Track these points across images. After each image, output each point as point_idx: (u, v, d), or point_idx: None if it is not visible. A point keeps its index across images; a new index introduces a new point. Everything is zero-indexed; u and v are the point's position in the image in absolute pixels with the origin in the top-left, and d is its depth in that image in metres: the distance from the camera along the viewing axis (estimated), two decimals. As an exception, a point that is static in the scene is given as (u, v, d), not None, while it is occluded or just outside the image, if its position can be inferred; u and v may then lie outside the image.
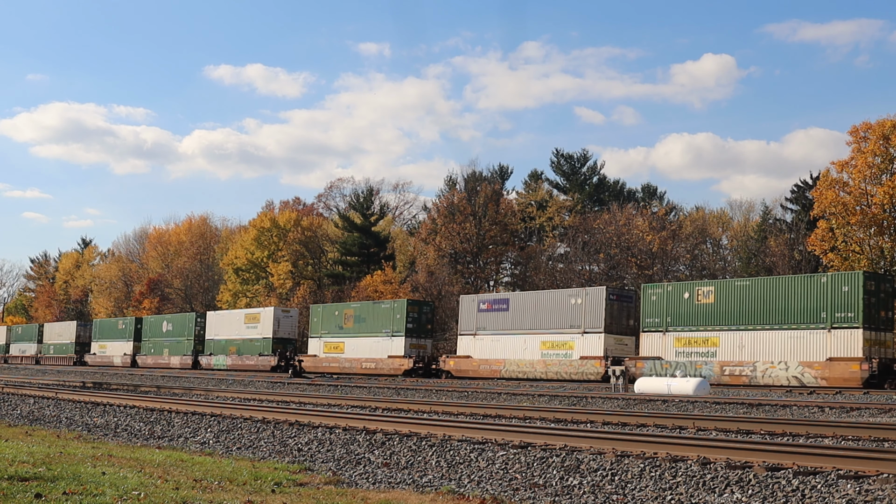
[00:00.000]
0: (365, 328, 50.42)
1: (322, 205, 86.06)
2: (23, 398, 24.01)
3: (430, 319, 50.26)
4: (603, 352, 38.84)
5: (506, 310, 43.59)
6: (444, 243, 66.50)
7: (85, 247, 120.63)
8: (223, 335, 61.72)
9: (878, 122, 47.71)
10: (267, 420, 16.24)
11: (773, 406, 22.42)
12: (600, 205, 71.05)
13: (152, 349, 69.53)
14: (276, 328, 57.69)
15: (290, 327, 58.65)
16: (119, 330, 74.98)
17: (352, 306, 52.71)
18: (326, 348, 52.86)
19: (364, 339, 50.34)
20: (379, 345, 49.23)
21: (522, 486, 9.67)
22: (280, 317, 58.36)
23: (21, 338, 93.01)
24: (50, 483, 8.78)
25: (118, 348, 73.90)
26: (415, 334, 48.59)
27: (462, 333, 45.49)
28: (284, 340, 57.82)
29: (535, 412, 18.93)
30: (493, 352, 43.52)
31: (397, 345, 48.26)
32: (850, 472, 9.21)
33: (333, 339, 52.51)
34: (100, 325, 78.94)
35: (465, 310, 45.68)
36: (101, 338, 76.85)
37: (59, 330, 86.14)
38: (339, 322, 52.22)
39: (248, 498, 8.44)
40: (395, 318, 48.66)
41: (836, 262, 47.16)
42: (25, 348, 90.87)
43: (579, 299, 40.55)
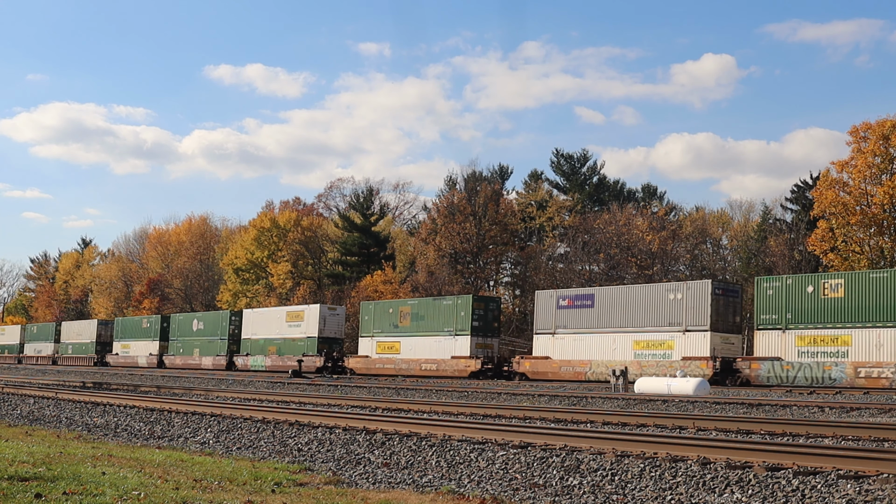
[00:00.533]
0: (424, 327, 47.30)
1: (322, 205, 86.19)
2: (23, 398, 24.01)
3: (496, 317, 47.19)
4: (710, 351, 35.72)
5: (591, 306, 40.49)
6: (444, 243, 66.51)
7: (85, 247, 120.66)
8: (261, 334, 58.45)
9: (877, 122, 47.74)
10: (267, 420, 16.24)
11: (773, 406, 22.42)
12: (600, 205, 71.05)
13: (181, 349, 66.36)
14: (322, 327, 54.20)
15: (337, 326, 55.25)
16: (143, 329, 71.96)
17: (409, 303, 49.85)
18: (380, 348, 49.77)
19: (423, 338, 47.18)
20: (440, 345, 46.10)
21: (522, 486, 9.67)
22: (326, 315, 54.83)
23: (36, 337, 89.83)
24: (50, 483, 8.78)
25: (143, 348, 71.05)
26: (481, 333, 45.54)
27: (539, 332, 42.38)
28: (330, 340, 54.54)
29: (535, 412, 18.93)
30: (576, 352, 40.36)
31: (462, 344, 45.16)
32: (850, 472, 9.21)
33: (387, 338, 49.40)
34: (122, 324, 76.18)
35: (541, 306, 42.60)
36: (124, 337, 74.19)
37: (77, 329, 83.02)
38: (394, 320, 49.12)
39: (248, 498, 8.44)
40: (459, 316, 45.61)
41: (836, 262, 47.18)
42: (41, 348, 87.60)
43: (679, 294, 37.45)
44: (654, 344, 37.86)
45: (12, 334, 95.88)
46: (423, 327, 47.49)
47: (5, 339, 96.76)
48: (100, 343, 77.53)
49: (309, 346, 54.13)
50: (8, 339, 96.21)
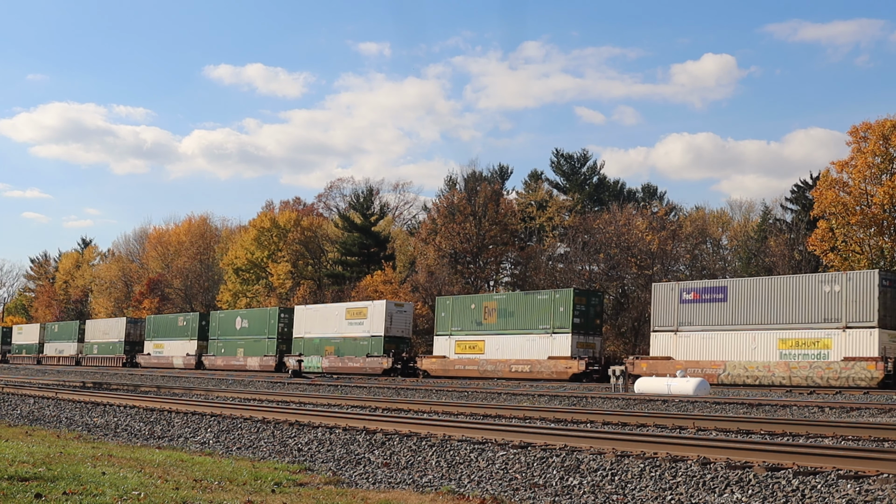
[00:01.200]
0: (514, 324, 43.17)
1: (322, 205, 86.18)
2: (23, 398, 24.02)
3: (598, 313, 43.08)
4: (879, 351, 31.69)
5: (722, 300, 36.28)
6: (444, 243, 66.52)
7: (85, 247, 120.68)
8: (317, 333, 54.61)
9: (877, 122, 47.73)
10: (267, 420, 16.24)
11: (773, 406, 22.42)
12: (600, 205, 71.06)
13: (223, 349, 62.35)
14: (389, 325, 50.13)
15: (405, 324, 51.29)
16: (179, 327, 67.98)
17: (495, 298, 46.06)
18: (459, 348, 45.56)
19: (513, 336, 43.04)
20: (535, 344, 41.90)
21: (522, 486, 9.67)
22: (393, 311, 50.79)
23: (57, 336, 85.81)
24: (50, 483, 8.78)
25: (178, 348, 67.13)
26: (582, 331, 41.35)
27: (657, 329, 38.40)
28: (398, 339, 50.57)
29: (535, 412, 18.94)
30: (704, 352, 36.27)
31: (561, 343, 40.92)
32: (850, 472, 9.21)
33: (469, 337, 45.22)
34: (155, 323, 72.08)
35: (660, 301, 38.55)
36: (157, 336, 70.40)
37: (104, 327, 78.86)
38: (477, 317, 45.14)
39: (248, 498, 8.44)
40: (558, 312, 41.47)
41: (836, 263, 47.17)
42: (63, 348, 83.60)
43: (837, 286, 33.41)
44: (806, 342, 33.84)
45: (31, 333, 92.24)
46: (512, 324, 43.36)
47: (24, 339, 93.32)
48: (129, 342, 74.08)
49: (374, 345, 50.35)
50: (26, 338, 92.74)
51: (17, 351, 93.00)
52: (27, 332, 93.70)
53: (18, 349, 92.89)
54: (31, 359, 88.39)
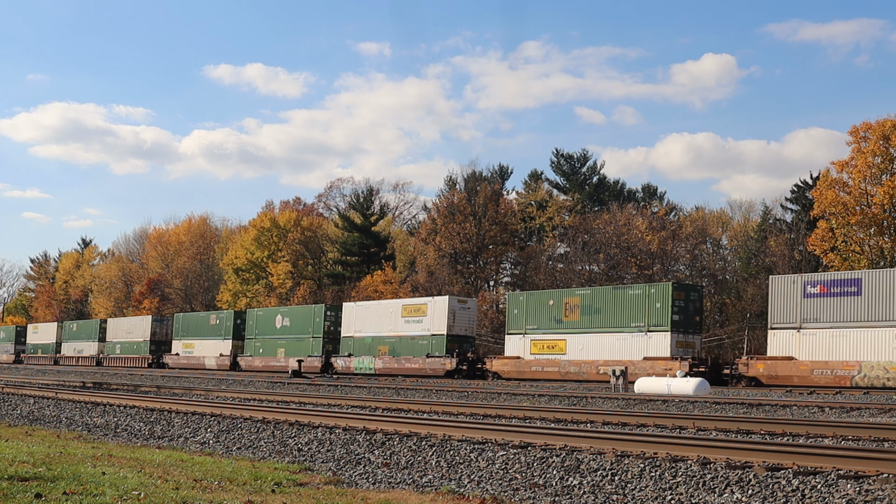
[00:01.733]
0: (601, 321, 39.67)
1: (322, 205, 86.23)
2: (23, 398, 24.02)
3: (698, 309, 39.18)
4: None
5: (856, 294, 32.73)
6: (444, 243, 66.54)
7: (85, 247, 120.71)
8: (369, 331, 51.12)
9: (878, 122, 47.77)
10: (267, 420, 16.24)
11: (773, 406, 22.42)
12: (600, 205, 71.09)
13: (261, 349, 58.75)
14: (451, 322, 46.64)
15: (468, 321, 47.66)
16: (212, 326, 64.17)
17: (578, 293, 41.76)
18: (535, 348, 41.90)
19: (600, 335, 39.43)
20: (626, 343, 38.50)
21: (522, 486, 9.67)
22: (456, 308, 47.06)
23: (76, 335, 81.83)
24: (50, 483, 8.78)
25: (210, 348, 63.40)
26: (681, 328, 37.71)
27: (775, 327, 34.74)
28: (461, 338, 46.95)
29: (535, 412, 18.94)
30: (834, 351, 32.84)
31: (658, 343, 37.42)
32: (850, 472, 9.21)
33: (547, 336, 41.52)
34: (184, 321, 68.29)
35: (779, 296, 34.90)
36: (187, 335, 66.61)
37: (128, 326, 75.12)
38: (556, 314, 41.42)
39: (248, 498, 8.44)
40: (654, 308, 37.91)
41: (836, 262, 47.18)
42: (83, 348, 79.57)
43: None
44: None
45: (47, 333, 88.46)
46: (599, 322, 39.82)
47: (39, 338, 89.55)
48: (154, 342, 70.53)
49: (435, 345, 46.73)
50: (42, 337, 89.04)
51: (32, 351, 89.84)
52: (43, 331, 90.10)
53: (33, 349, 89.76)
54: (48, 359, 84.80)
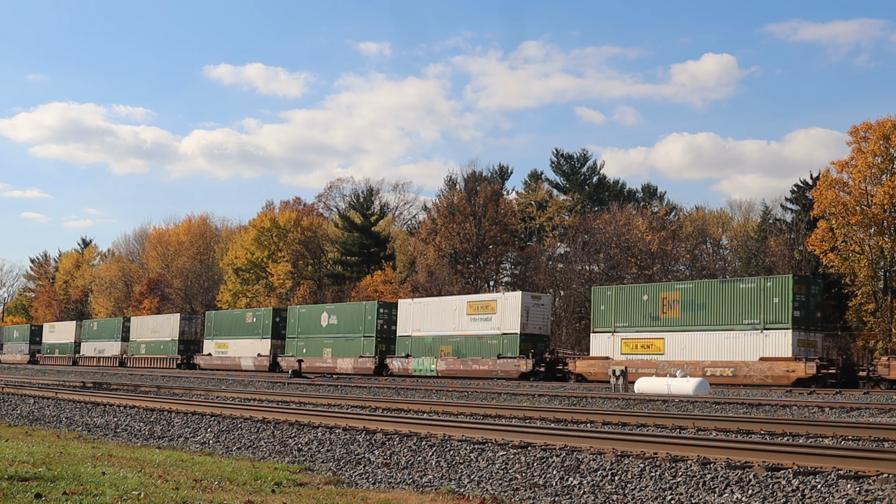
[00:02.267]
0: (706, 318, 36.41)
1: (322, 205, 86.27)
2: (23, 398, 24.02)
3: (819, 305, 35.53)
4: None
5: None
6: (444, 243, 66.55)
7: (85, 247, 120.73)
8: (428, 330, 47.83)
9: (878, 122, 47.74)
10: (267, 420, 16.24)
11: (773, 406, 22.42)
12: (600, 205, 71.10)
13: (304, 349, 55.33)
14: (525, 320, 43.09)
15: (542, 319, 44.23)
16: (248, 325, 60.80)
17: (678, 287, 38.25)
18: (627, 348, 38.87)
19: (706, 333, 36.21)
20: (738, 342, 34.94)
21: (522, 486, 9.67)
22: (530, 305, 43.64)
23: (97, 335, 78.90)
24: (50, 483, 8.78)
25: (247, 347, 60.02)
26: (803, 326, 34.13)
27: None
28: (535, 337, 43.41)
29: (535, 412, 18.94)
30: None
31: (777, 342, 33.80)
32: (850, 472, 9.21)
33: (641, 334, 38.42)
34: (217, 319, 64.59)
35: None
36: (220, 334, 63.17)
37: (153, 325, 71.70)
38: (653, 310, 38.21)
39: (248, 498, 8.44)
40: (771, 303, 34.29)
41: (836, 263, 47.18)
42: (104, 347, 76.58)
43: None
44: None
45: (65, 332, 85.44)
46: (703, 319, 36.51)
47: (56, 338, 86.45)
48: (183, 342, 67.43)
49: (507, 345, 43.35)
50: (60, 337, 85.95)
51: (49, 351, 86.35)
52: (61, 330, 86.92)
53: (50, 349, 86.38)
54: (66, 359, 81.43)
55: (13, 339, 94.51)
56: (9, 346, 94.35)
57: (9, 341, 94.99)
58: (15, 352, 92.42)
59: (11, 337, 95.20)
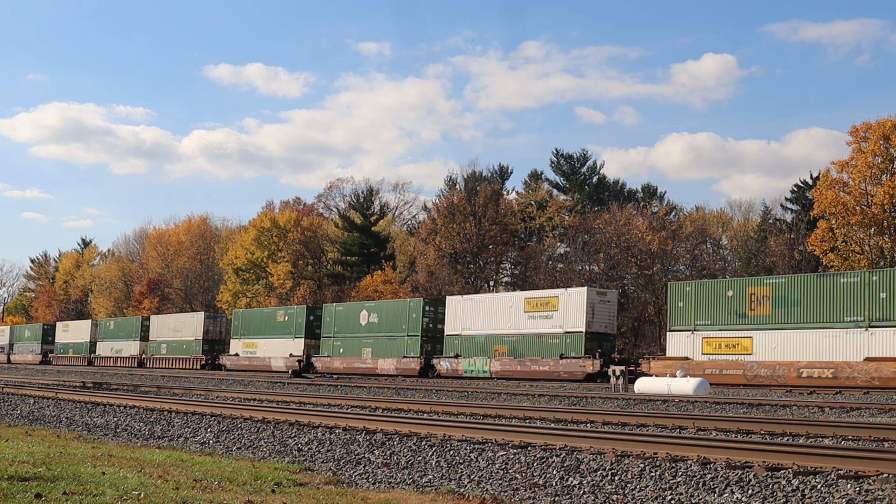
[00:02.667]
0: (801, 315, 33.47)
1: (322, 205, 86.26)
2: (23, 398, 24.02)
3: None
4: None
5: None
6: (444, 243, 66.56)
7: (85, 247, 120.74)
8: (480, 329, 44.59)
9: (878, 122, 47.77)
10: (267, 420, 16.24)
11: (773, 406, 22.42)
12: (600, 205, 71.12)
13: (341, 349, 52.14)
14: (591, 318, 40.18)
15: (608, 317, 41.27)
16: (279, 323, 57.46)
17: (767, 282, 35.30)
18: (709, 347, 36.12)
19: (801, 331, 33.38)
20: (839, 340, 32.41)
21: (522, 486, 9.67)
22: (595, 302, 40.50)
23: (113, 334, 75.68)
24: (50, 483, 8.78)
25: (278, 347, 56.74)
26: None
27: None
28: (601, 336, 40.55)
29: (535, 412, 18.94)
30: None
31: (886, 340, 31.03)
32: (850, 472, 9.21)
33: (726, 332, 35.54)
34: (245, 318, 61.03)
35: None
36: (248, 334, 59.86)
37: (174, 324, 68.13)
38: (739, 307, 35.27)
39: (248, 498, 8.44)
40: (877, 299, 31.54)
41: (836, 263, 47.18)
42: (121, 347, 73.51)
43: None
44: None
45: (79, 331, 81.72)
46: (798, 316, 33.75)
47: (70, 337, 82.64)
48: (208, 341, 63.94)
49: (570, 344, 40.26)
50: (74, 336, 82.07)
51: (62, 350, 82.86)
52: (75, 329, 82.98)
53: (64, 349, 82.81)
54: (81, 359, 78.31)
55: (24, 338, 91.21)
56: (20, 347, 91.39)
57: (20, 341, 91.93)
58: (26, 352, 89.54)
59: (23, 337, 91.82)
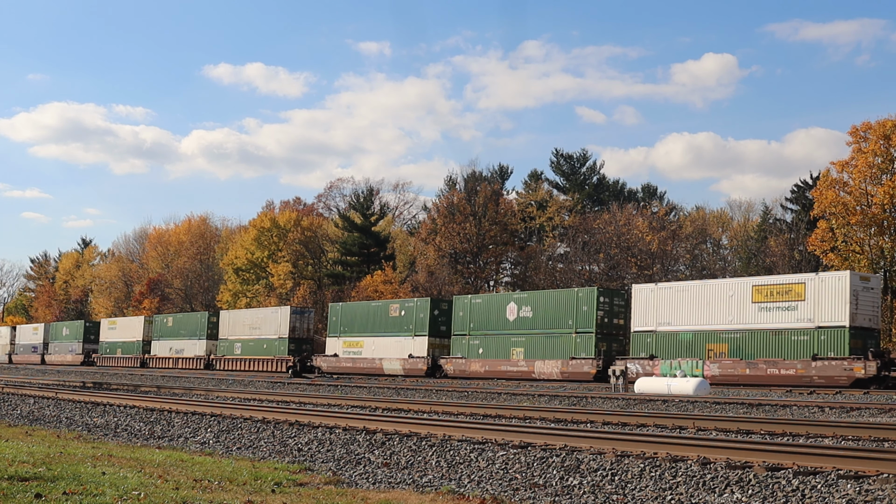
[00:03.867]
0: None
1: (322, 205, 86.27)
2: (23, 398, 24.01)
3: None
4: None
5: None
6: (444, 243, 66.55)
7: (85, 247, 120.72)
8: (685, 323, 36.55)
9: (878, 122, 47.77)
10: (267, 420, 16.24)
11: (773, 406, 22.42)
12: (600, 205, 71.12)
13: (481, 349, 43.74)
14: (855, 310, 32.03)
15: (872, 308, 32.85)
16: (392, 319, 48.78)
17: None
18: None
19: None
20: None
21: (522, 486, 9.66)
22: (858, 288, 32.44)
23: (172, 332, 66.70)
24: (50, 483, 8.78)
25: (392, 347, 48.16)
26: None
27: None
28: (866, 332, 32.55)
29: (535, 412, 18.93)
30: None
31: None
32: (850, 472, 9.21)
33: None
34: (346, 313, 52.03)
35: None
36: (352, 331, 51.10)
37: (251, 320, 59.12)
38: None
39: (248, 498, 8.44)
40: None
41: (836, 263, 47.18)
42: (183, 347, 64.94)
43: None
44: None
45: (129, 329, 73.05)
46: None
47: (118, 335, 74.11)
48: (294, 339, 55.80)
49: (825, 342, 32.49)
50: (122, 334, 73.56)
51: (109, 350, 74.56)
52: (125, 326, 74.45)
53: (111, 348, 74.57)
54: (132, 361, 69.98)
55: (62, 337, 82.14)
56: (56, 346, 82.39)
57: (56, 340, 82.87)
58: (65, 352, 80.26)
59: (59, 335, 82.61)
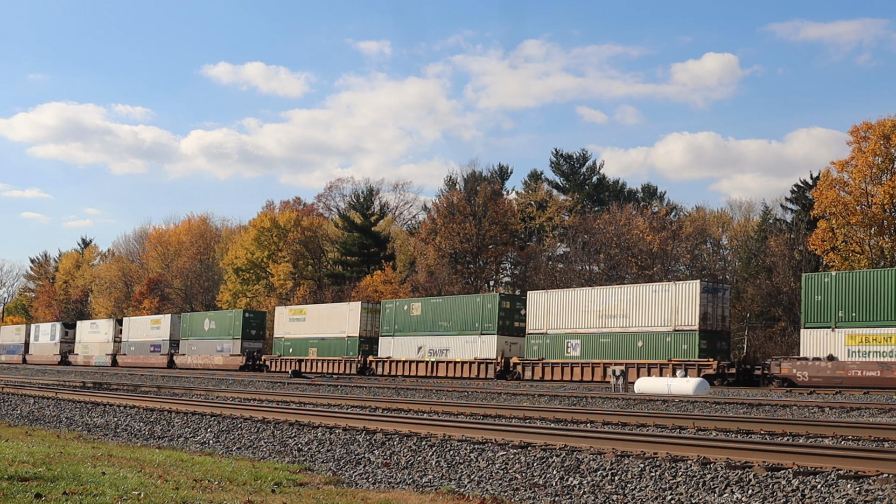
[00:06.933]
0: None
1: (322, 205, 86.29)
2: (23, 398, 24.01)
3: None
4: None
5: None
6: (444, 243, 66.54)
7: (85, 247, 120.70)
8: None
9: (878, 122, 47.77)
10: (267, 420, 16.24)
11: (773, 406, 22.42)
12: (600, 205, 71.10)
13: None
14: None
15: None
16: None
17: None
18: None
19: None
20: None
21: (522, 486, 9.67)
22: None
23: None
24: (50, 483, 8.78)
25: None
26: None
27: None
28: None
29: (535, 412, 18.93)
30: None
31: None
32: (850, 472, 9.21)
33: None
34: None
35: None
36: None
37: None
38: None
39: (248, 498, 8.44)
40: None
41: (836, 262, 47.18)
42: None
43: None
44: None
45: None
46: None
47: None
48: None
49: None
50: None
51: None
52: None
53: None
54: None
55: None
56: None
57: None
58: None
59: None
